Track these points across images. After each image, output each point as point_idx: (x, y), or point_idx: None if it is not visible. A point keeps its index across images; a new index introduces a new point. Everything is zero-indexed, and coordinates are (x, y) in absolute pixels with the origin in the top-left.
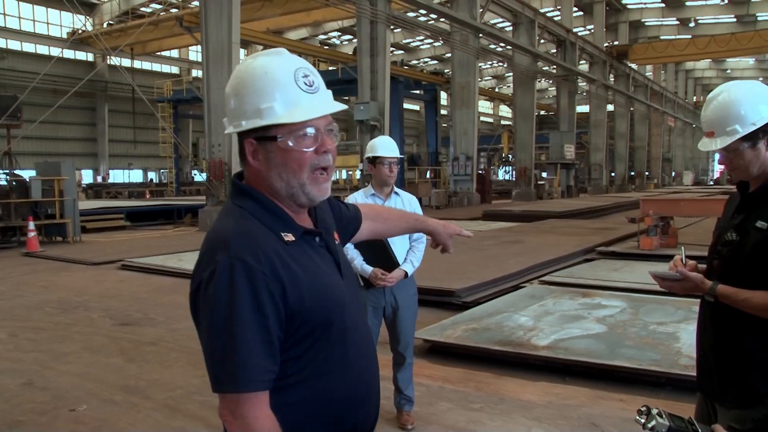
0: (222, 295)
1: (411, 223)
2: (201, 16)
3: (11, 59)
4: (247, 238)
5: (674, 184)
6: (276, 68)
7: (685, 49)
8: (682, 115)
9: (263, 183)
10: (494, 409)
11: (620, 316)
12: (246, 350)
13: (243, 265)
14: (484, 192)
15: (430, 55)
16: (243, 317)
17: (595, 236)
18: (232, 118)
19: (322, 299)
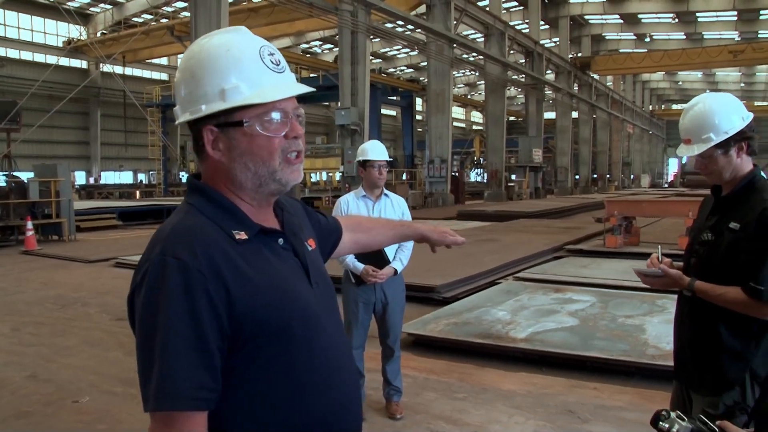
0: (152, 296)
1: (398, 230)
2: (191, 26)
3: (10, 67)
4: (187, 234)
5: (633, 186)
6: (239, 45)
7: (642, 61)
8: (639, 123)
9: (223, 177)
10: (477, 399)
11: (591, 310)
12: (175, 362)
13: (176, 263)
14: (458, 193)
15: (406, 63)
16: (174, 322)
17: (564, 235)
18: (187, 104)
19: (279, 306)
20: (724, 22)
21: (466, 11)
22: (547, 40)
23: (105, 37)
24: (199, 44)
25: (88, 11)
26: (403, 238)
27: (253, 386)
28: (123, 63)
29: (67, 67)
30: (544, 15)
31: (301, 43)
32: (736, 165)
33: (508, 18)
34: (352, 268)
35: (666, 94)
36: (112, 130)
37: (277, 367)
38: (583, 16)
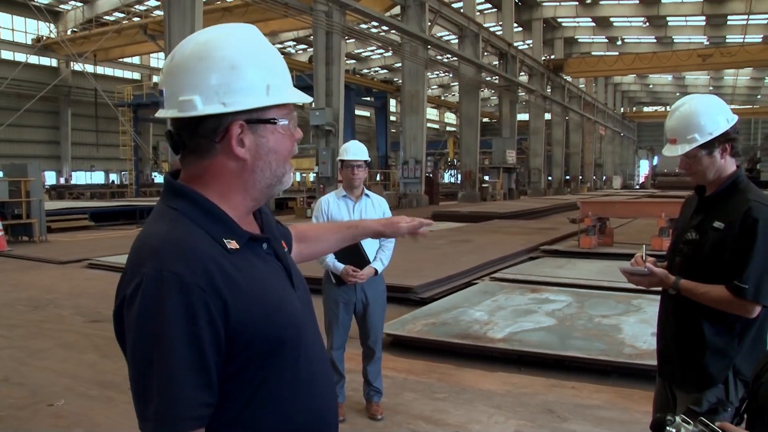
0: (149, 314)
1: (344, 233)
2: (165, 25)
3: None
4: (181, 246)
5: (605, 187)
6: (270, 45)
7: (614, 64)
8: (611, 125)
9: (228, 178)
10: (457, 399)
11: (567, 310)
12: (177, 382)
13: (174, 278)
14: (432, 194)
15: (380, 64)
16: (173, 341)
17: (538, 236)
18: (216, 95)
19: (271, 315)
20: (693, 27)
21: (441, 13)
22: (521, 43)
23: (76, 35)
24: (234, 35)
25: (58, 8)
26: (351, 240)
27: (243, 394)
28: (94, 62)
29: (37, 65)
30: (518, 17)
31: (275, 43)
32: (720, 165)
33: (482, 20)
34: (332, 268)
35: (637, 96)
36: (83, 129)
37: (268, 375)
38: (556, 19)
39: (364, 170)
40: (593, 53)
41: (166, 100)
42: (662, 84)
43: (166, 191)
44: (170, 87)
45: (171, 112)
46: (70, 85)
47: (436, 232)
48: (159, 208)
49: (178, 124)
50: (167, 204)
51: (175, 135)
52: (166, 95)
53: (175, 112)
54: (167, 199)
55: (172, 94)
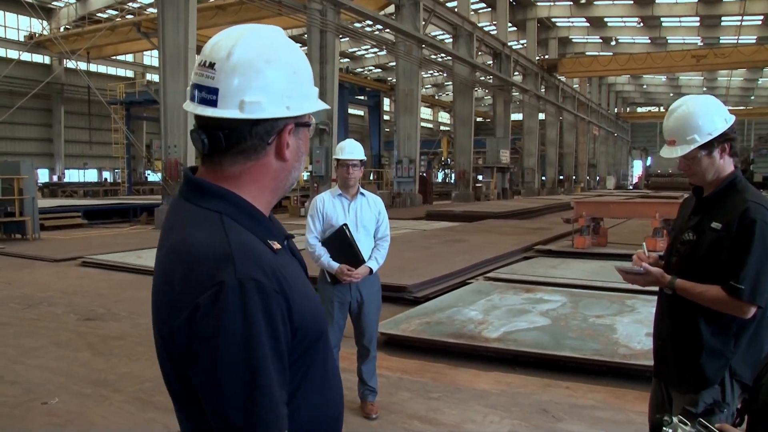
0: (235, 322)
1: None
2: (158, 23)
3: None
4: (251, 252)
5: (599, 187)
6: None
7: (608, 65)
8: (605, 125)
9: (267, 179)
10: (452, 398)
11: (562, 310)
12: (271, 388)
13: (256, 285)
14: (426, 193)
15: (374, 63)
16: (264, 348)
17: (532, 235)
18: (282, 98)
19: (314, 311)
20: (687, 28)
21: (435, 12)
22: (515, 42)
23: (69, 32)
24: (286, 39)
25: (50, 5)
26: None
27: (295, 386)
28: (87, 59)
29: (30, 62)
30: (512, 17)
31: None
32: (718, 166)
33: (477, 19)
34: (327, 267)
35: (631, 96)
36: (76, 127)
37: (313, 366)
38: (551, 19)
39: (359, 169)
40: (587, 53)
41: (221, 98)
42: (656, 84)
43: (197, 192)
44: (230, 86)
45: (231, 112)
46: (63, 83)
47: (430, 232)
48: (191, 210)
49: (223, 123)
50: (202, 206)
51: (215, 134)
52: (223, 94)
53: (237, 113)
54: (199, 200)
55: (233, 94)
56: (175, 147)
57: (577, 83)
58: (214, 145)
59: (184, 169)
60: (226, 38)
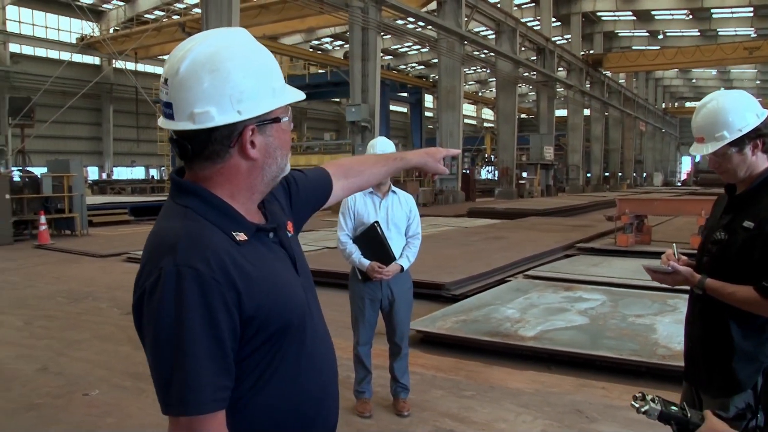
0: (168, 307)
1: (391, 165)
2: (202, 22)
3: (24, 64)
4: (197, 241)
5: (645, 184)
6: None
7: (655, 59)
8: (652, 121)
9: (239, 177)
10: (484, 397)
11: (601, 309)
12: (197, 370)
13: (192, 273)
14: (469, 190)
15: (417, 60)
16: (193, 332)
17: (574, 233)
18: (231, 103)
19: (279, 301)
20: (739, 19)
21: (477, 8)
22: (559, 37)
23: (117, 33)
24: (235, 44)
25: (100, 8)
26: (396, 172)
27: (254, 373)
28: (135, 59)
29: (80, 63)
30: (556, 12)
31: (312, 39)
32: (751, 163)
33: (520, 15)
34: (358, 264)
35: (679, 91)
36: (124, 125)
37: (278, 356)
38: (596, 13)
39: None
40: (633, 47)
41: (175, 112)
42: (706, 78)
43: (175, 189)
44: (180, 100)
45: (184, 124)
46: (111, 83)
47: (471, 229)
48: (169, 206)
49: (187, 133)
50: (176, 201)
51: (182, 143)
52: (176, 108)
53: (190, 125)
54: (176, 197)
55: (183, 107)
56: None
57: (623, 78)
58: (184, 152)
59: (171, 172)
60: (177, 53)
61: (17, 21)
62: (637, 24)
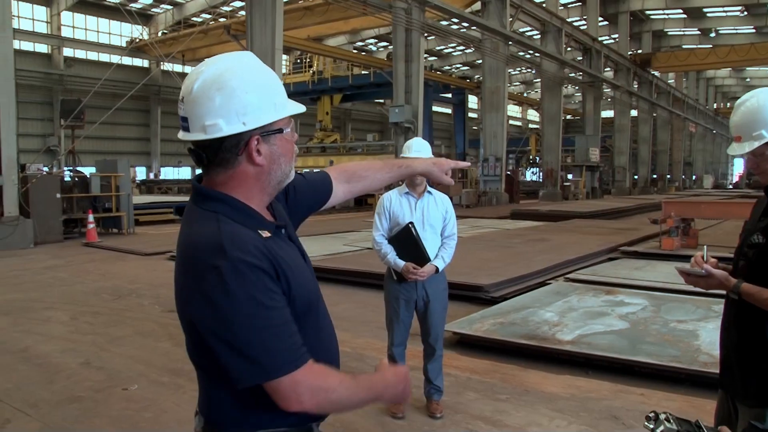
0: (239, 296)
1: (395, 171)
2: (247, 25)
3: (77, 67)
4: (238, 240)
5: (695, 187)
6: (267, 67)
7: (706, 58)
8: (702, 121)
9: (249, 182)
10: (519, 400)
11: (642, 314)
12: (284, 334)
13: (246, 266)
14: (512, 192)
15: (461, 61)
16: (266, 308)
17: (618, 236)
18: (237, 115)
19: (302, 284)
20: None
21: (522, 8)
22: (606, 37)
23: (165, 36)
24: (241, 65)
25: (149, 12)
26: (402, 178)
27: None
28: (182, 61)
29: (129, 66)
30: (603, 11)
31: (356, 41)
32: None
33: (566, 14)
34: (393, 265)
35: (732, 91)
36: (172, 126)
37: (307, 330)
38: (644, 12)
39: None
40: (684, 46)
41: (190, 125)
42: (761, 77)
43: (199, 196)
44: (194, 114)
45: (197, 135)
46: (159, 85)
47: (513, 231)
48: (195, 211)
49: (201, 143)
50: (203, 207)
51: (198, 152)
52: (191, 121)
53: (202, 135)
54: (201, 203)
55: (197, 120)
56: None
57: (673, 78)
58: (200, 160)
59: (192, 179)
60: (191, 75)
61: (71, 26)
62: (687, 22)
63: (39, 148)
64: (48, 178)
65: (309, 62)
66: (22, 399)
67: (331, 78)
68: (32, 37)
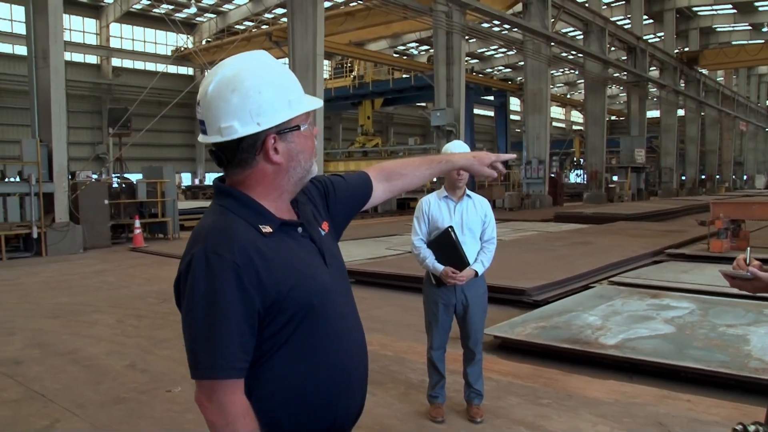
0: (199, 286)
1: (435, 167)
2: (288, 32)
3: (124, 76)
4: (223, 232)
5: (746, 187)
6: (281, 65)
7: (758, 53)
8: (754, 119)
9: (267, 180)
10: (561, 405)
11: (689, 318)
12: (223, 339)
13: (217, 258)
14: (556, 195)
15: (503, 63)
16: (219, 308)
17: (664, 238)
18: (251, 116)
19: (300, 286)
20: None
21: (564, 8)
22: (651, 35)
23: (209, 44)
24: (254, 65)
25: (194, 21)
26: (442, 173)
27: (279, 353)
28: None
29: (175, 74)
30: (648, 9)
31: (397, 45)
32: None
33: (609, 13)
34: (431, 269)
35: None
36: None
37: (303, 333)
38: (691, 8)
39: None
40: (733, 42)
41: (207, 128)
42: None
43: (216, 193)
44: (210, 117)
45: (214, 137)
46: None
47: (556, 234)
48: (211, 206)
49: (220, 145)
50: (217, 202)
51: (218, 154)
52: (207, 124)
53: (219, 138)
54: (217, 198)
55: (213, 123)
56: None
57: (722, 76)
58: (219, 161)
59: (215, 179)
60: (206, 78)
61: (119, 37)
62: (737, 17)
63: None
64: (96, 184)
65: (350, 67)
66: (70, 399)
67: (372, 82)
68: (82, 49)
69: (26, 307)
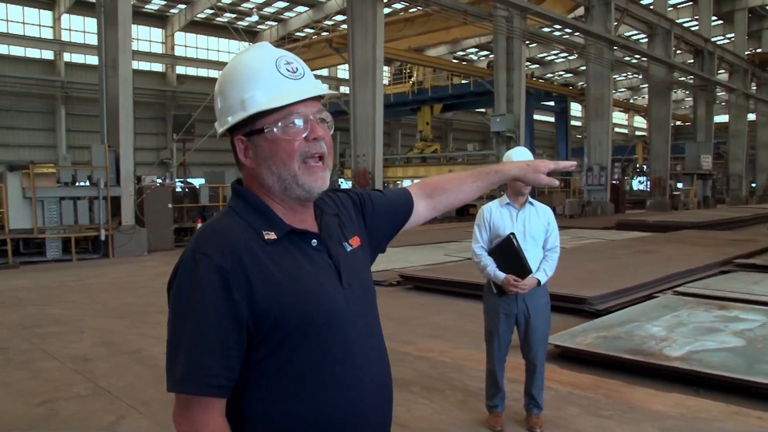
0: (182, 290)
1: (484, 179)
2: (348, 38)
3: (188, 84)
4: (216, 233)
5: None
6: (257, 59)
7: None
8: None
9: (256, 182)
10: (623, 418)
11: (760, 331)
12: (203, 351)
13: (204, 260)
14: (618, 202)
15: (564, 68)
16: (199, 315)
17: (733, 248)
18: (220, 117)
19: (300, 305)
20: None
21: (628, 11)
22: (720, 37)
23: None
24: (229, 63)
25: (255, 29)
26: (490, 186)
27: (272, 378)
28: None
29: None
30: (717, 9)
31: (457, 50)
32: None
33: (675, 15)
34: (493, 277)
35: None
36: None
37: (296, 362)
38: (764, 7)
39: None
40: None
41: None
42: None
43: (232, 193)
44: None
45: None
46: None
47: (619, 242)
48: (224, 207)
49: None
50: (229, 204)
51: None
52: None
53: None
54: (230, 199)
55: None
56: (363, 156)
57: None
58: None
59: (233, 181)
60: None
61: (184, 46)
62: None
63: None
64: (161, 189)
65: (409, 73)
66: (135, 397)
67: (431, 88)
68: (149, 58)
69: (94, 306)
